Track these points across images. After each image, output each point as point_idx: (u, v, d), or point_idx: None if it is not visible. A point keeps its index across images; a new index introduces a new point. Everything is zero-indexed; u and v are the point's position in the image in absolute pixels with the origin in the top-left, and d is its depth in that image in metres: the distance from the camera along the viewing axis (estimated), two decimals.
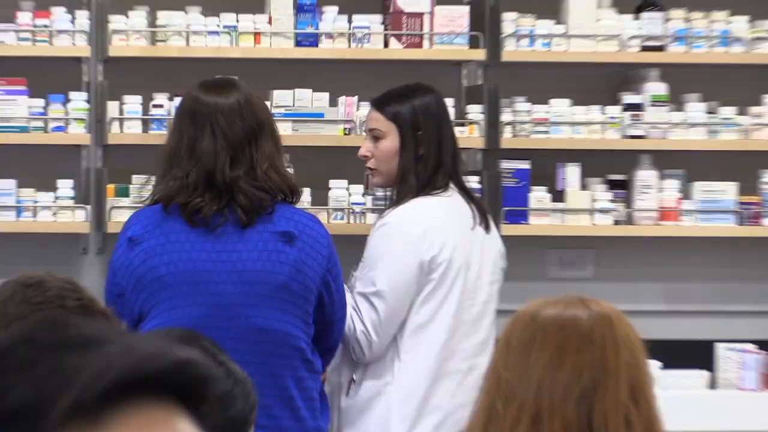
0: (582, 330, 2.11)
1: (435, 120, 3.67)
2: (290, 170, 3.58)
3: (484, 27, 4.11)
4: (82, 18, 4.00)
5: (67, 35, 4.05)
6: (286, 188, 3.45)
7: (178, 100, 3.80)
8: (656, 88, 4.15)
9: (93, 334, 0.65)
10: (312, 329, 3.55)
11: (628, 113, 4.10)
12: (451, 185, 3.61)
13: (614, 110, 4.10)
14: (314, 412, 3.61)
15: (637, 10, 4.15)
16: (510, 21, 4.09)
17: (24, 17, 3.99)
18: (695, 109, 4.12)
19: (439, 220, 3.68)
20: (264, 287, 3.51)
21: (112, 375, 0.56)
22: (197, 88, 3.50)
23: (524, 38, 4.14)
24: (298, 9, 4.10)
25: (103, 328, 0.69)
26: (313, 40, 4.13)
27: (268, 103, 3.82)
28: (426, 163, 3.64)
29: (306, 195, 3.79)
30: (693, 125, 4.11)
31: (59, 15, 3.99)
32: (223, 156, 3.40)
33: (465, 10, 4.14)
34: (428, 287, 3.69)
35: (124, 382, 0.56)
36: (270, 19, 4.05)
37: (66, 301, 2.11)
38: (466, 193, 3.67)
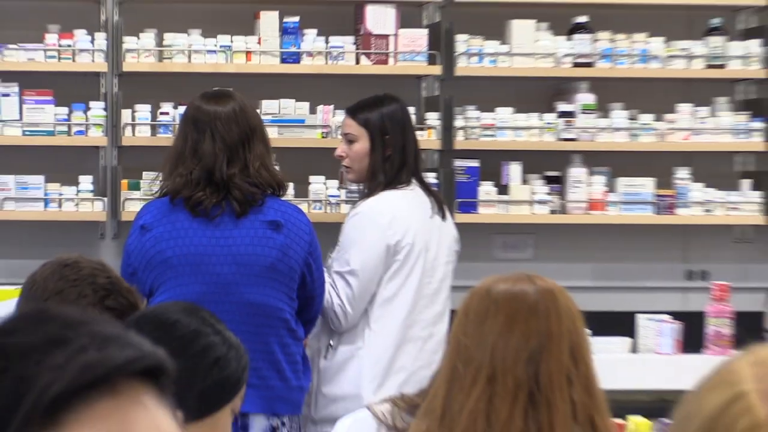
0: (529, 302, 2.28)
1: (400, 126, 4.01)
2: (277, 167, 3.93)
3: (440, 47, 4.48)
4: (100, 39, 4.37)
5: (87, 53, 4.40)
6: (274, 183, 3.79)
7: (182, 109, 4.20)
8: (585, 98, 4.54)
9: (57, 335, 0.71)
10: (296, 303, 3.94)
11: (561, 119, 4.48)
12: (413, 181, 3.96)
13: (550, 117, 4.48)
14: (297, 373, 3.97)
15: (570, 33, 4.53)
16: (462, 42, 4.46)
17: (51, 38, 4.36)
18: (619, 116, 4.52)
19: (403, 210, 4.00)
20: (255, 268, 3.88)
21: (55, 388, 0.63)
22: (199, 99, 3.87)
23: (474, 56, 4.49)
24: (283, 31, 4.44)
25: (72, 323, 0.75)
26: (295, 58, 4.48)
27: (258, 111, 4.13)
28: (392, 162, 3.98)
29: (290, 189, 4.14)
30: (617, 129, 4.51)
31: (81, 36, 4.37)
32: (221, 157, 3.74)
33: (424, 32, 4.50)
34: (394, 266, 4.05)
35: (71, 390, 0.63)
36: (259, 39, 4.42)
37: (96, 278, 2.45)
38: (426, 187, 4.03)
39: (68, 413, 0.67)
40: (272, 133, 4.16)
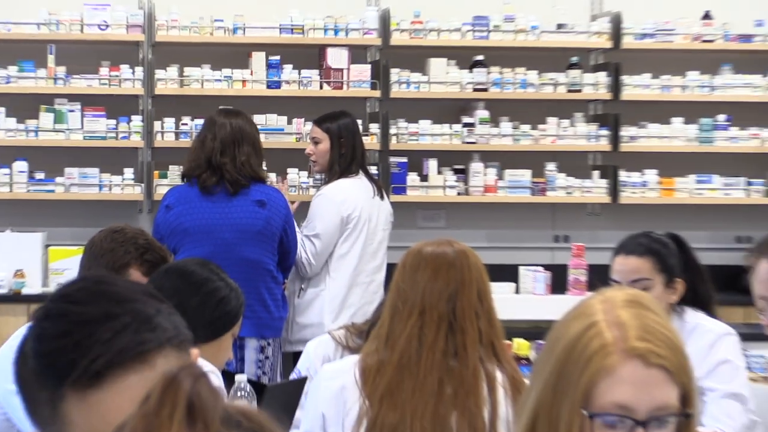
0: (449, 259, 2.57)
1: (351, 133, 4.68)
2: (264, 166, 4.58)
3: (380, 77, 5.29)
4: (139, 71, 5.13)
5: (129, 81, 5.18)
6: (255, 176, 4.43)
7: (198, 121, 4.99)
8: (482, 113, 5.38)
9: (108, 311, 0.91)
10: (276, 257, 4.57)
11: (465, 128, 5.33)
12: (360, 171, 4.65)
13: (457, 127, 5.33)
14: (278, 308, 4.58)
15: (471, 67, 5.36)
16: (395, 73, 5.30)
17: (104, 70, 5.15)
18: (506, 126, 5.37)
19: (353, 192, 4.65)
20: (248, 233, 4.48)
21: (100, 361, 0.79)
22: (217, 113, 4.56)
23: (403, 84, 5.33)
24: (268, 66, 5.23)
25: (121, 299, 0.94)
26: (277, 85, 5.24)
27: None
28: (345, 158, 4.65)
29: (273, 177, 4.89)
30: (504, 135, 5.36)
31: (125, 69, 5.15)
32: (217, 149, 4.36)
33: (368, 67, 5.33)
34: (346, 232, 4.68)
35: (112, 364, 0.79)
36: (251, 72, 5.22)
37: (137, 240, 2.86)
38: (369, 176, 4.72)
39: (109, 377, 0.86)
40: (261, 137, 4.62)
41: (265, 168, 4.64)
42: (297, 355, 3.91)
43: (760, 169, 5.68)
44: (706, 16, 5.56)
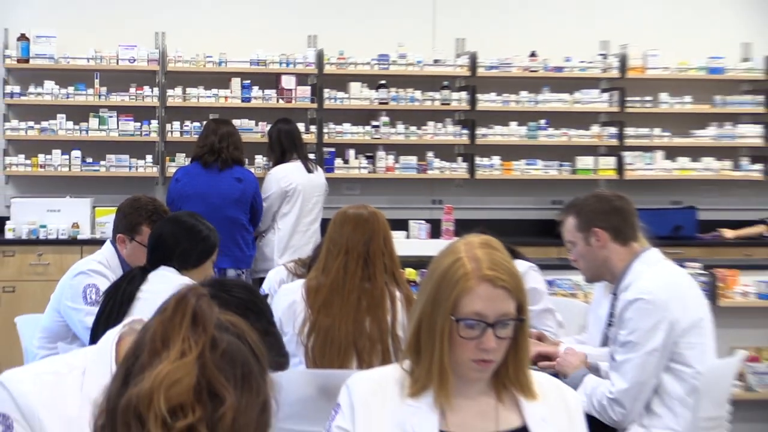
0: (364, 217, 3.02)
1: (282, 132, 5.75)
2: (246, 159, 5.53)
3: (317, 95, 6.47)
4: (156, 90, 6.39)
5: (150, 97, 6.44)
6: (236, 160, 5.42)
7: (197, 124, 6.13)
8: (384, 119, 6.53)
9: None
10: (249, 215, 5.49)
11: (373, 129, 6.52)
12: (296, 157, 5.67)
13: (368, 128, 6.50)
14: (249, 249, 5.51)
15: (377, 88, 6.50)
16: (327, 92, 6.46)
17: (132, 90, 6.41)
18: (400, 127, 6.53)
19: (291, 170, 5.68)
20: (230, 199, 5.39)
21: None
22: (213, 121, 5.55)
23: (332, 99, 6.50)
24: (242, 87, 6.45)
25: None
26: (248, 100, 6.47)
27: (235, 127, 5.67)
28: (278, 150, 5.73)
29: (247, 162, 5.90)
30: (399, 134, 6.56)
31: (147, 89, 6.38)
32: (216, 141, 5.36)
33: (309, 88, 6.47)
34: (287, 199, 5.64)
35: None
36: (231, 91, 6.45)
37: (148, 206, 3.42)
38: (304, 160, 5.73)
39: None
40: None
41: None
42: (261, 280, 4.35)
43: (569, 156, 6.88)
44: (533, 54, 6.86)
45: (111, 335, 1.62)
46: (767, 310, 4.96)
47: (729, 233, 6.84)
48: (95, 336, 2.67)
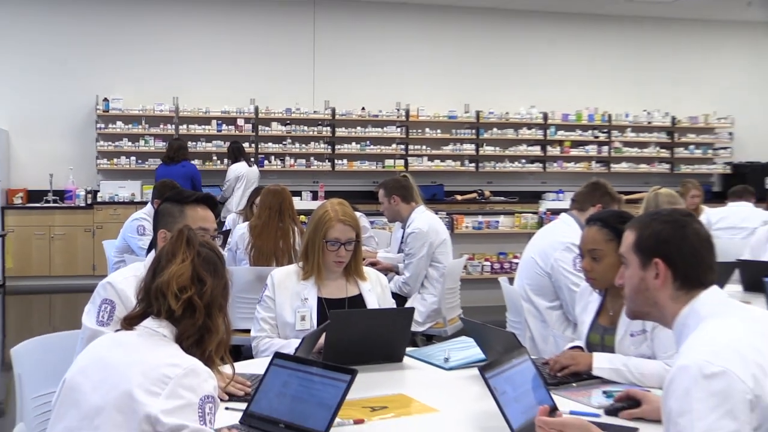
0: (278, 189, 5.01)
1: (239, 147, 10.68)
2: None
3: (255, 129, 11.88)
4: (172, 127, 11.87)
5: (171, 129, 11.85)
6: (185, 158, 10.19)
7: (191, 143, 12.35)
8: (289, 141, 12.21)
9: None
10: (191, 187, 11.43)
11: (283, 145, 12.12)
12: (242, 160, 10.37)
13: (281, 145, 11.99)
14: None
15: (285, 125, 12.35)
16: (260, 127, 11.91)
17: (161, 126, 11.90)
18: (298, 144, 12.08)
19: (241, 166, 10.38)
20: (180, 177, 10.45)
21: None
22: (176, 140, 12.24)
23: (263, 130, 12.03)
24: (217, 124, 11.96)
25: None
26: (221, 130, 12.00)
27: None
28: (236, 156, 10.49)
29: (216, 160, 11.73)
30: (295, 148, 12.14)
31: (170, 126, 11.87)
32: (172, 150, 11.87)
33: (251, 125, 11.87)
34: (239, 179, 10.38)
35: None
36: (211, 125, 11.91)
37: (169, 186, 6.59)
38: (248, 160, 10.49)
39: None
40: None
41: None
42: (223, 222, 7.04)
43: (381, 159, 13.13)
44: (363, 108, 13.05)
45: (152, 255, 2.68)
46: (477, 235, 9.33)
47: (459, 197, 13.26)
48: (149, 252, 3.46)
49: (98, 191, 11.92)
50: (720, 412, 1.88)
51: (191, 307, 2.18)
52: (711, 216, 7.48)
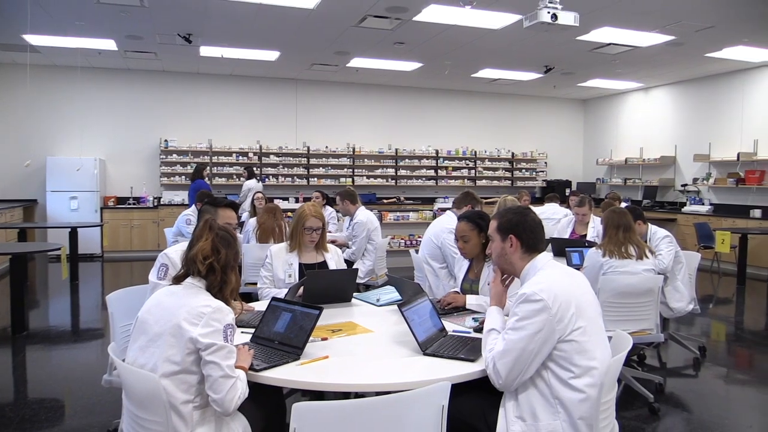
0: (273, 205, 6.79)
1: (251, 169, 14.52)
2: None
3: (260, 158, 16.74)
4: (207, 158, 17.06)
5: (207, 157, 16.99)
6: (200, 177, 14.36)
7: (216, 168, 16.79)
8: (281, 168, 17.15)
9: None
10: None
11: (278, 169, 18.24)
12: (254, 177, 14.75)
13: (277, 168, 17.43)
14: None
15: (280, 157, 17.49)
16: (264, 158, 16.69)
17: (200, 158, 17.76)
18: (286, 170, 17.03)
19: (252, 182, 13.99)
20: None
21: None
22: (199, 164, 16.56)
23: (265, 159, 16.80)
24: (236, 157, 16.72)
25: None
26: (239, 160, 16.83)
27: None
28: (249, 174, 14.24)
29: (235, 178, 15.94)
30: (285, 171, 17.21)
31: (205, 157, 17.17)
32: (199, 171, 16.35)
33: (256, 156, 16.72)
34: (251, 191, 13.48)
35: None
36: (232, 156, 16.60)
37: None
38: (257, 178, 14.58)
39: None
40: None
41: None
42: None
43: (338, 176, 18.78)
44: (346, 146, 18.98)
45: None
46: (396, 224, 15.68)
47: (385, 201, 18.03)
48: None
49: (161, 197, 15.71)
50: (525, 322, 2.85)
51: (212, 268, 2.81)
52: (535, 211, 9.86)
